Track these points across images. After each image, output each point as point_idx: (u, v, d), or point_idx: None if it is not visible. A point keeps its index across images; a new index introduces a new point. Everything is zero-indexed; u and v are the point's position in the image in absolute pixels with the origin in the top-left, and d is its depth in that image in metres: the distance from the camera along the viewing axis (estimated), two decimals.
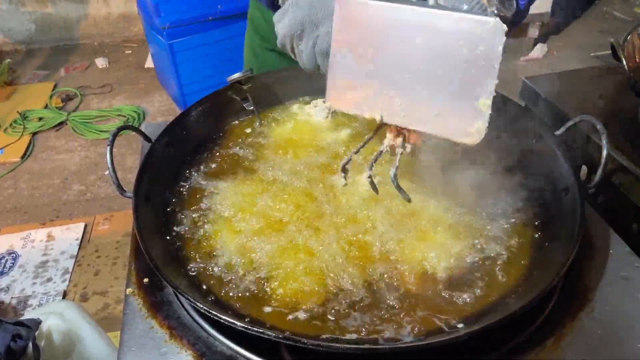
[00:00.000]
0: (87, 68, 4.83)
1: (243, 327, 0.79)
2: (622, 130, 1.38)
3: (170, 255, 1.01)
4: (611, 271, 1.02)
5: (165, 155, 1.19)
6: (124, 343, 0.90)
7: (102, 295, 2.60)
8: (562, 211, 1.06)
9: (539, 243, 1.03)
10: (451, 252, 1.00)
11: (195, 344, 0.90)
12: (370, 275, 0.96)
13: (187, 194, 1.17)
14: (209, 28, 3.70)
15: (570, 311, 0.94)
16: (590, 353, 0.88)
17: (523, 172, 1.20)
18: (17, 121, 3.95)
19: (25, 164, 3.67)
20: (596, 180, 1.05)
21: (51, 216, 3.18)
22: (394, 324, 0.88)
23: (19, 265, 2.75)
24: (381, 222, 1.07)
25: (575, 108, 1.49)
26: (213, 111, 1.35)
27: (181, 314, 0.95)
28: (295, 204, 1.12)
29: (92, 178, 3.51)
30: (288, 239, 1.04)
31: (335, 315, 0.89)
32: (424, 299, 0.92)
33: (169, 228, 1.08)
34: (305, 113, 1.42)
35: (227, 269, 0.98)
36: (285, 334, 0.79)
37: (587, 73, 1.68)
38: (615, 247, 1.07)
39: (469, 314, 0.89)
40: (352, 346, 0.79)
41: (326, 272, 0.97)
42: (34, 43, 5.17)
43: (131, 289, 1.00)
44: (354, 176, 1.19)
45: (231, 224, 1.08)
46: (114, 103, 4.29)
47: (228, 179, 1.20)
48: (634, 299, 0.96)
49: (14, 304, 2.53)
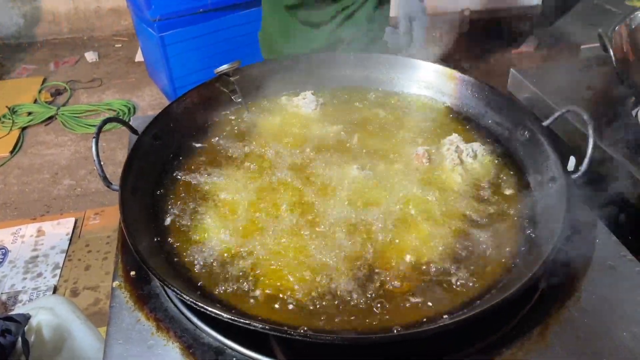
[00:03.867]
0: (77, 62, 4.79)
1: (229, 318, 0.79)
2: (609, 120, 1.39)
3: (158, 247, 1.01)
4: (598, 261, 1.02)
5: (153, 148, 1.19)
6: (110, 336, 0.90)
7: (93, 290, 2.59)
8: (549, 201, 1.06)
9: (525, 233, 1.04)
10: (437, 242, 1.01)
11: (182, 336, 0.89)
12: (360, 266, 0.96)
13: (175, 186, 1.16)
14: (200, 20, 3.68)
15: (556, 301, 0.95)
16: (577, 342, 0.88)
17: (510, 163, 1.21)
18: (6, 116, 3.92)
19: (15, 158, 3.64)
20: (583, 170, 1.06)
21: (41, 211, 3.16)
22: (381, 314, 0.88)
23: (9, 261, 2.73)
24: (370, 213, 1.07)
25: (563, 99, 1.49)
26: (201, 103, 1.34)
27: (168, 306, 0.94)
28: (284, 195, 1.12)
29: (82, 173, 3.49)
30: (277, 230, 1.04)
31: (323, 307, 0.89)
32: (410, 289, 0.92)
33: (157, 220, 1.07)
34: (294, 105, 1.41)
35: (215, 261, 0.98)
36: (271, 325, 0.79)
37: (575, 64, 1.68)
38: (601, 236, 1.07)
39: (455, 304, 0.90)
40: (338, 336, 0.79)
41: (315, 264, 0.97)
42: (23, 37, 5.12)
43: (118, 282, 1.00)
44: (341, 168, 1.19)
45: (219, 216, 1.08)
46: (104, 97, 4.26)
47: (216, 171, 1.19)
48: (621, 288, 0.97)
49: (3, 300, 2.51)
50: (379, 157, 1.24)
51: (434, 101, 1.43)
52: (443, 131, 1.31)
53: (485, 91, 1.34)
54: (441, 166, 1.20)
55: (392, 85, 1.48)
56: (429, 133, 1.32)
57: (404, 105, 1.43)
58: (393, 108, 1.42)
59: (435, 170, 1.19)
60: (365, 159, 1.23)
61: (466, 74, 1.38)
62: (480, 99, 1.35)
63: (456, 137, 1.24)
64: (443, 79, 1.42)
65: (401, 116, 1.39)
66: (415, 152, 1.22)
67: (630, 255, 1.03)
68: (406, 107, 1.42)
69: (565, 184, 1.02)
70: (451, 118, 1.38)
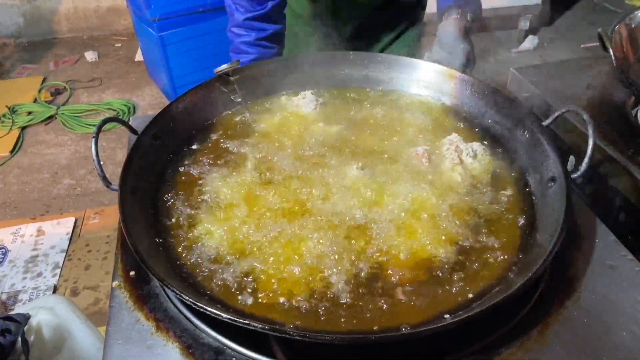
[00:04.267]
0: (77, 62, 4.79)
1: (229, 318, 0.79)
2: (609, 120, 1.38)
3: (157, 247, 1.00)
4: (597, 260, 1.02)
5: (152, 148, 1.18)
6: (110, 336, 0.90)
7: (93, 289, 2.59)
8: (549, 200, 1.06)
9: (525, 232, 1.04)
10: (436, 242, 1.00)
11: (182, 336, 0.89)
12: (360, 266, 0.96)
13: (175, 186, 1.16)
14: (199, 20, 3.68)
15: (556, 300, 0.94)
16: (577, 342, 0.88)
17: (510, 163, 1.21)
18: (6, 115, 3.92)
19: (15, 158, 3.64)
20: (583, 170, 1.06)
21: (41, 211, 3.16)
22: (381, 314, 0.88)
23: (9, 260, 2.73)
24: (370, 212, 1.07)
25: (563, 98, 1.49)
26: (200, 103, 1.34)
27: (168, 306, 0.94)
28: (284, 195, 1.12)
29: (82, 172, 3.49)
30: (277, 230, 1.03)
31: (323, 306, 0.89)
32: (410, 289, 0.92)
33: (156, 220, 1.07)
34: (294, 104, 1.41)
35: (214, 261, 0.98)
36: (270, 325, 0.79)
37: (575, 64, 1.68)
38: (601, 236, 1.07)
39: (455, 304, 0.90)
40: (338, 337, 0.79)
41: (315, 264, 0.96)
42: (23, 37, 5.12)
43: (117, 282, 0.99)
44: (341, 167, 1.19)
45: (219, 216, 1.08)
46: (104, 97, 4.26)
47: (216, 171, 1.19)
48: (620, 287, 0.97)
49: (3, 299, 2.51)
50: (378, 156, 1.24)
51: (434, 101, 1.43)
52: (443, 131, 1.31)
53: (485, 91, 1.33)
54: (441, 166, 1.20)
55: (392, 85, 1.48)
56: (429, 133, 1.32)
57: (404, 104, 1.43)
58: (393, 107, 1.42)
59: (435, 170, 1.19)
60: (364, 159, 1.22)
61: (466, 74, 1.38)
62: (480, 98, 1.35)
63: (456, 137, 1.24)
64: (443, 79, 1.41)
65: (401, 116, 1.39)
66: (415, 152, 1.22)
67: (630, 255, 1.02)
68: (406, 106, 1.42)
69: (565, 183, 1.02)
70: (451, 118, 1.37)
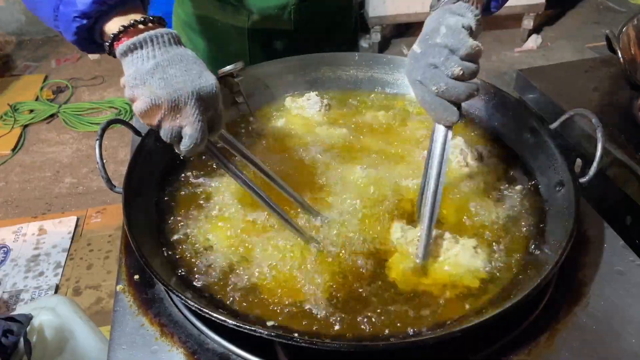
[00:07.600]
0: (79, 60, 4.78)
1: (235, 325, 0.78)
2: (617, 123, 1.37)
3: (162, 251, 1.00)
4: (606, 265, 1.01)
5: (156, 150, 1.17)
6: (114, 341, 0.89)
7: (95, 289, 2.59)
8: (556, 205, 1.05)
9: (533, 237, 1.03)
10: None
11: (187, 341, 0.88)
12: (366, 269, 0.95)
13: (179, 189, 1.15)
14: None
15: (564, 306, 0.93)
16: (585, 348, 0.87)
17: (517, 166, 1.20)
18: (8, 113, 3.91)
19: (16, 156, 3.64)
20: (591, 174, 1.04)
21: (43, 209, 3.15)
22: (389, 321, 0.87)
23: (11, 259, 2.72)
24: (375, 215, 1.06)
25: (570, 101, 1.48)
26: None
27: (172, 311, 0.93)
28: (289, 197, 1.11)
29: (84, 171, 3.48)
30: (283, 235, 1.02)
31: (330, 312, 0.88)
32: (417, 294, 0.91)
33: (160, 224, 1.06)
34: (298, 106, 1.40)
35: (220, 266, 0.97)
36: (277, 332, 0.78)
37: (582, 65, 1.67)
38: (609, 241, 1.06)
39: (462, 310, 0.89)
40: (345, 344, 0.78)
41: (322, 268, 0.96)
42: (25, 34, 5.10)
43: (121, 286, 0.98)
44: (347, 166, 1.18)
45: (224, 220, 1.07)
46: (106, 95, 4.25)
47: (221, 174, 1.18)
48: (629, 293, 0.96)
49: (5, 299, 2.51)
50: (384, 158, 1.23)
51: None
52: None
53: (491, 93, 1.32)
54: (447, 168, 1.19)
55: (397, 86, 1.47)
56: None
57: (409, 106, 1.42)
58: (398, 109, 1.41)
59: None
60: (370, 161, 1.22)
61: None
62: (485, 100, 1.33)
63: (461, 139, 1.23)
64: None
65: (406, 117, 1.38)
66: (422, 155, 1.21)
67: (638, 260, 1.01)
68: (411, 108, 1.41)
69: (573, 188, 1.01)
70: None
